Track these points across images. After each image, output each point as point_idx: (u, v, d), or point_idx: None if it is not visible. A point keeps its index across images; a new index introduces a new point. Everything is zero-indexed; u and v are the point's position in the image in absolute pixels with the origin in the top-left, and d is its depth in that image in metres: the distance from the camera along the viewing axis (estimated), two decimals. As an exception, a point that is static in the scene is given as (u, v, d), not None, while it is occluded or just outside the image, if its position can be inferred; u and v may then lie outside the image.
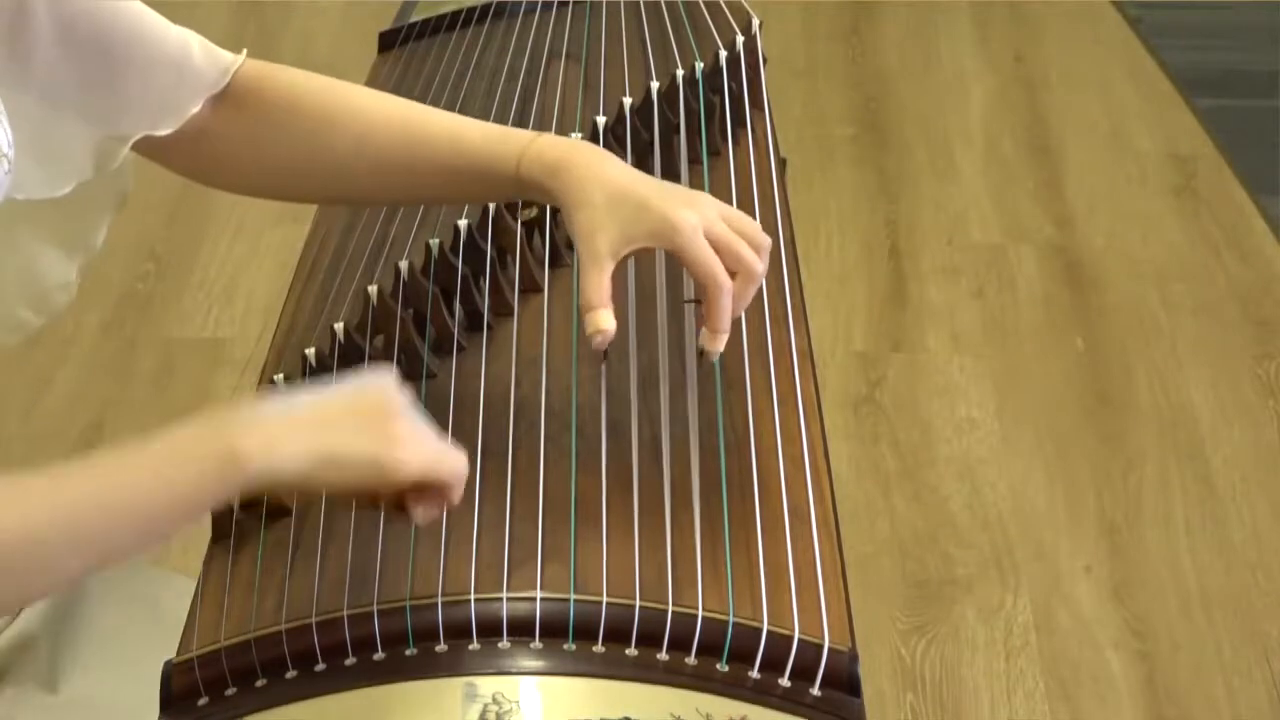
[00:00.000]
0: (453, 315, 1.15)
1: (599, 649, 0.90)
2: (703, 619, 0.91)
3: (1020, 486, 2.29)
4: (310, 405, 0.88)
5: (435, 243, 1.19)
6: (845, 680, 0.90)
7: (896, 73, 3.35)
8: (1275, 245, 2.82)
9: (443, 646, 0.90)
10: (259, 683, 0.91)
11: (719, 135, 1.36)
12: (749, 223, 1.04)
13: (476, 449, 1.01)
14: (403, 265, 1.17)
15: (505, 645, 0.90)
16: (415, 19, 1.65)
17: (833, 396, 2.40)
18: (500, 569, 0.94)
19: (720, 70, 1.41)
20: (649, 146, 1.32)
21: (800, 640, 0.91)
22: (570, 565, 0.94)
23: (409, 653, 0.90)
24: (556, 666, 0.90)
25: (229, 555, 1.00)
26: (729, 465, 1.02)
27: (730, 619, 0.91)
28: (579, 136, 1.26)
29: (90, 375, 2.49)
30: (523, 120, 1.37)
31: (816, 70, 3.34)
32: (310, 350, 1.14)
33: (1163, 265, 2.76)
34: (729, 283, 1.00)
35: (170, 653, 0.93)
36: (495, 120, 1.26)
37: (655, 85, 1.35)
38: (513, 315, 1.17)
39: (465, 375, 1.11)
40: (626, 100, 1.34)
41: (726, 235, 1.01)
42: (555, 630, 0.91)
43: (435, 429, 0.91)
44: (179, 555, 2.00)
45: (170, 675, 0.92)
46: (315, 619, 0.92)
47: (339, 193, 1.17)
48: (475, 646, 0.90)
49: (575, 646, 0.90)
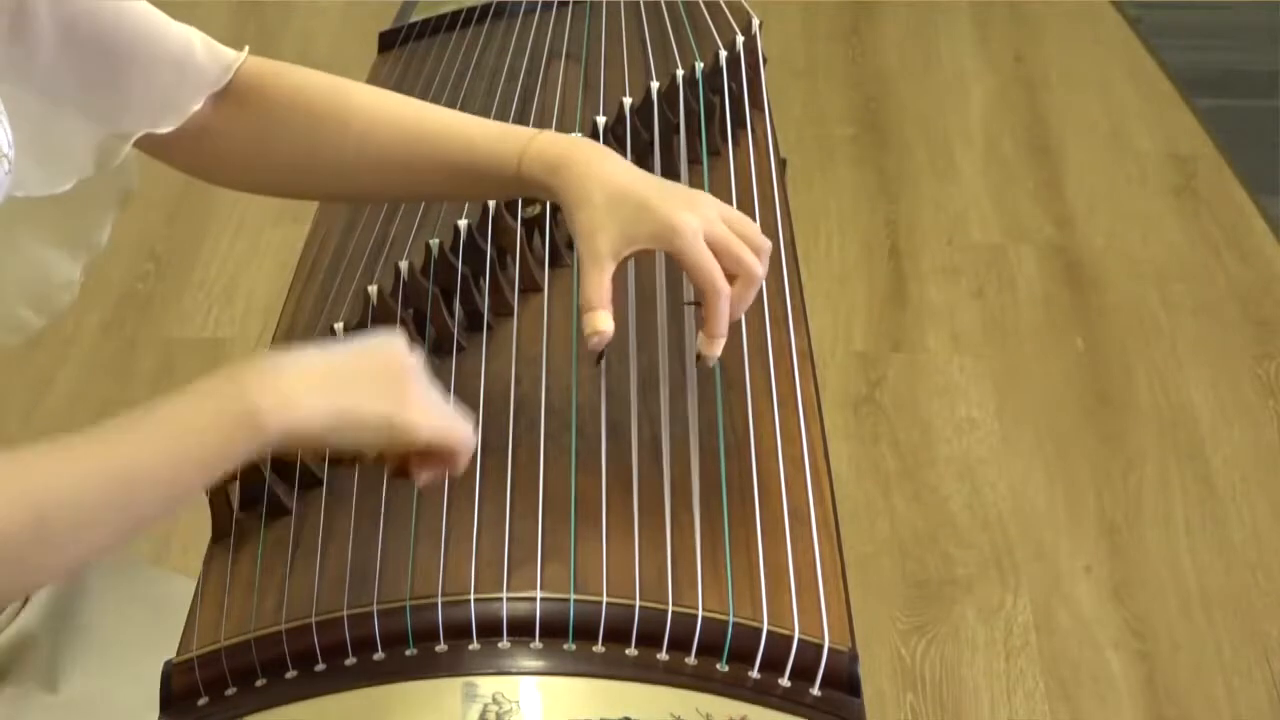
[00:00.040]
0: (453, 315, 1.15)
1: (599, 649, 0.90)
2: (703, 619, 0.91)
3: (1020, 486, 2.29)
4: (325, 363, 0.89)
5: (435, 243, 1.19)
6: (845, 680, 0.90)
7: (896, 73, 3.35)
8: (1275, 245, 2.81)
9: (443, 646, 0.90)
10: (259, 683, 0.91)
11: (719, 135, 1.36)
12: (749, 225, 1.03)
13: (476, 447, 1.01)
14: (403, 265, 1.17)
15: (505, 645, 0.90)
16: (415, 19, 1.65)
17: (833, 397, 2.40)
18: (500, 569, 0.94)
19: (720, 70, 1.41)
20: (649, 146, 1.32)
21: (800, 640, 0.90)
22: (570, 565, 0.94)
23: (409, 653, 0.90)
24: (556, 666, 0.90)
25: (229, 555, 1.00)
26: (729, 466, 1.02)
27: (730, 619, 0.91)
28: (579, 136, 1.26)
29: (90, 375, 2.49)
30: (523, 120, 1.37)
31: (816, 70, 3.34)
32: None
33: (1163, 265, 2.76)
34: (728, 288, 1.00)
35: (170, 653, 0.93)
36: (495, 120, 1.26)
37: (655, 85, 1.35)
38: (513, 315, 1.16)
39: (465, 375, 1.11)
40: (626, 100, 1.34)
41: (726, 238, 1.01)
42: (555, 630, 0.91)
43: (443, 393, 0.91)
44: (179, 555, 2.00)
45: (170, 675, 0.92)
46: (315, 619, 0.92)
47: (340, 190, 1.17)
48: (475, 646, 0.90)
49: (575, 646, 0.90)
